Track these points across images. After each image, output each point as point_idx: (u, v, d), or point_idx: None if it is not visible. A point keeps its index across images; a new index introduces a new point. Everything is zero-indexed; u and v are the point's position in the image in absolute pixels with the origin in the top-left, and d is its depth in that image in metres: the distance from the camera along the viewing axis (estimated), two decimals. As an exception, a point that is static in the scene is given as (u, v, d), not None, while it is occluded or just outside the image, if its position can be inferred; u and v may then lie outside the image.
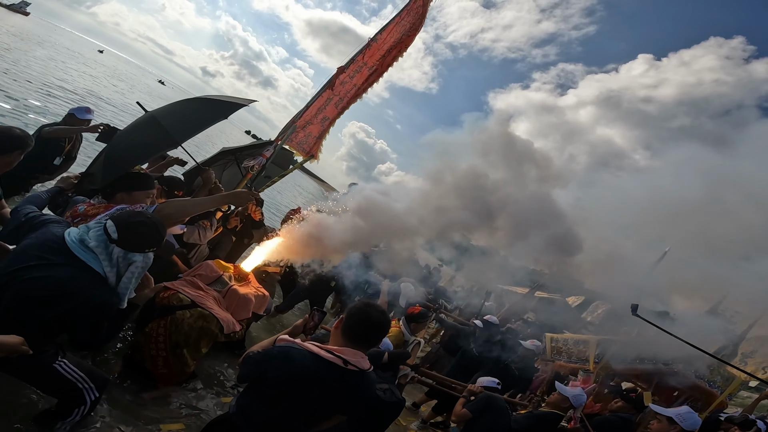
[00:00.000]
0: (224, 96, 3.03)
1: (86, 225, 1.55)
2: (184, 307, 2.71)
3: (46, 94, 10.84)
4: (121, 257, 1.53)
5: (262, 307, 3.20)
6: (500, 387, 3.33)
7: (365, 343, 1.59)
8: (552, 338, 4.24)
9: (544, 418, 3.15)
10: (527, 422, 3.08)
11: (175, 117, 2.79)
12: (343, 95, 3.67)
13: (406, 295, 4.30)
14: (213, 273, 2.99)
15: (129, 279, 1.57)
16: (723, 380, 4.11)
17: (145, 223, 1.58)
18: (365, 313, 1.57)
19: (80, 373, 1.79)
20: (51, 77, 13.57)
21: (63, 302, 1.42)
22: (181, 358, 2.72)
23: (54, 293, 1.42)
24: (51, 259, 1.45)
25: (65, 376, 1.75)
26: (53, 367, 1.70)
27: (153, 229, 1.61)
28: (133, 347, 2.79)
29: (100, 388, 1.90)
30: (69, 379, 1.76)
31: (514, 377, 4.20)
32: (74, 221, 1.87)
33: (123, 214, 1.58)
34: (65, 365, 1.75)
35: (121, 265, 1.54)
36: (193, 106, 2.98)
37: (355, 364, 1.50)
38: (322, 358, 1.48)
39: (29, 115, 8.11)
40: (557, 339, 4.18)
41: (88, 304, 1.46)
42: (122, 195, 2.18)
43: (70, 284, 1.43)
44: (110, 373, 2.72)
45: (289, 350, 1.50)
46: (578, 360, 3.78)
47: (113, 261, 1.51)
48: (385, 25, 3.68)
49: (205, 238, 3.23)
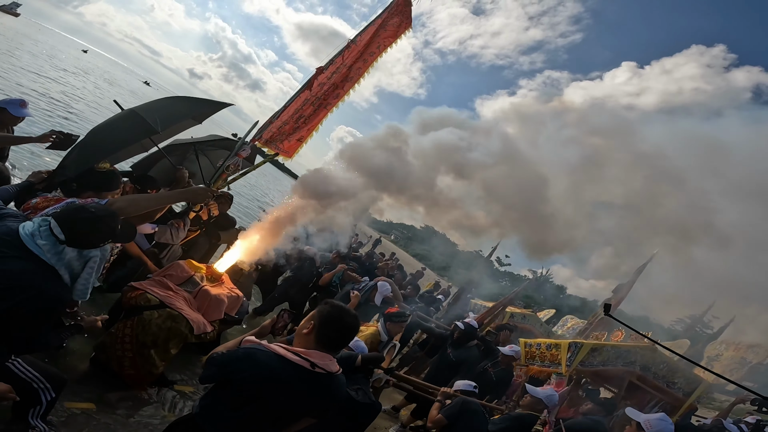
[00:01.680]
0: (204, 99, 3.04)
1: (37, 219, 1.50)
2: (152, 307, 2.67)
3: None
4: (74, 257, 1.48)
5: (234, 308, 3.15)
6: (477, 390, 3.33)
7: (336, 347, 1.59)
8: (525, 343, 4.29)
9: (521, 420, 3.16)
10: (504, 424, 3.08)
11: (154, 108, 2.74)
12: (321, 95, 3.63)
13: (382, 293, 4.28)
14: (184, 273, 2.95)
15: (89, 274, 1.52)
16: (686, 382, 4.20)
17: (90, 218, 1.52)
18: (339, 318, 1.56)
19: (35, 372, 1.75)
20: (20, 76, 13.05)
21: (13, 295, 1.36)
22: (149, 359, 2.67)
23: (4, 285, 1.36)
24: (4, 251, 1.41)
25: (19, 375, 1.70)
26: (5, 366, 1.65)
27: (101, 222, 1.55)
28: (98, 348, 2.73)
29: (57, 388, 1.85)
30: (23, 379, 1.71)
31: (492, 382, 4.21)
32: (26, 213, 1.81)
33: (65, 212, 1.51)
34: (18, 364, 1.71)
35: (76, 264, 1.49)
36: (172, 101, 2.95)
37: (323, 366, 1.48)
38: (288, 360, 1.46)
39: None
40: (530, 344, 4.23)
41: (39, 297, 1.40)
42: (90, 194, 2.13)
43: (22, 277, 1.38)
44: (76, 373, 2.67)
45: (254, 352, 1.47)
46: (551, 364, 3.84)
47: (64, 260, 1.46)
48: (365, 26, 3.70)
49: (177, 238, 3.18)
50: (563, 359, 3.64)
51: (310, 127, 3.81)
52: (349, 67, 3.64)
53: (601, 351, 3.83)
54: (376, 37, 3.64)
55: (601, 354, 3.83)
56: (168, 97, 3.11)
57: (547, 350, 3.93)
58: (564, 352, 3.65)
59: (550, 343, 3.98)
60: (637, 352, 4.00)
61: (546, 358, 3.92)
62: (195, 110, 2.86)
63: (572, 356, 3.61)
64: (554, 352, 3.82)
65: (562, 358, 3.66)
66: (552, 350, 3.86)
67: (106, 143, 2.49)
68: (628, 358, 4.00)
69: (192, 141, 3.57)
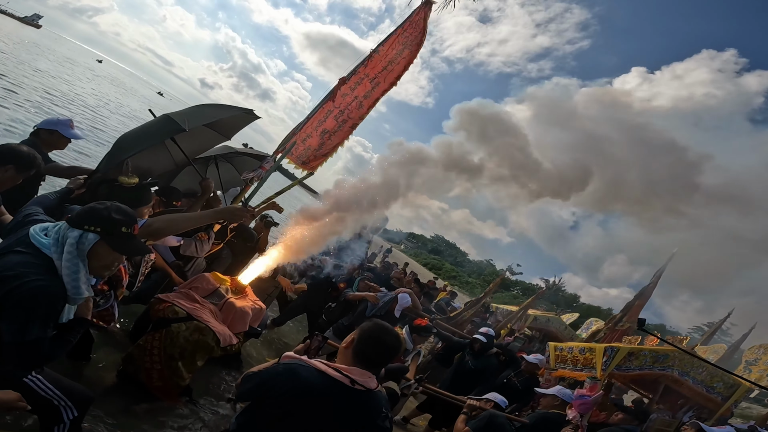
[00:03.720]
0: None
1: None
2: (180, 319, 2.68)
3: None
4: (62, 234, 1.43)
5: (258, 320, 3.16)
6: (506, 406, 3.28)
7: (375, 365, 1.56)
8: (556, 347, 4.20)
9: (547, 418, 3.13)
10: (532, 421, 3.07)
11: (184, 112, 2.76)
12: (344, 108, 3.62)
13: (402, 305, 4.27)
14: (209, 285, 2.96)
15: (68, 263, 1.41)
16: (725, 387, 4.07)
17: (98, 204, 1.51)
18: (379, 337, 1.54)
19: (56, 390, 1.70)
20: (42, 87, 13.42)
21: (3, 285, 1.30)
22: (177, 371, 2.67)
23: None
24: (12, 247, 1.40)
25: (39, 393, 1.65)
26: (24, 382, 1.60)
27: (103, 207, 1.50)
28: (126, 360, 2.74)
29: (81, 406, 1.79)
30: (44, 396, 1.67)
31: (518, 391, 4.13)
32: None
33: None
34: (39, 381, 1.66)
35: (63, 244, 1.43)
36: (201, 106, 2.96)
37: (362, 383, 1.46)
38: (328, 376, 1.45)
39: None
40: (561, 347, 4.13)
41: (24, 287, 1.31)
42: None
43: (15, 268, 1.33)
44: (102, 385, 2.69)
45: (295, 367, 1.46)
46: (584, 368, 3.74)
47: (59, 240, 1.42)
48: (386, 37, 3.65)
49: (202, 251, 3.21)
50: (598, 363, 3.57)
51: (336, 142, 3.79)
52: (372, 80, 3.62)
53: (638, 355, 3.75)
54: (396, 50, 3.62)
55: (638, 358, 3.75)
56: (198, 105, 3.15)
57: (580, 354, 3.84)
58: (599, 356, 3.57)
59: (584, 346, 3.89)
60: (675, 356, 3.90)
61: (579, 362, 3.83)
62: (223, 114, 2.84)
63: (608, 360, 3.53)
64: (588, 356, 3.74)
65: (597, 362, 3.58)
66: (586, 354, 3.78)
67: (133, 141, 2.48)
68: (665, 363, 3.90)
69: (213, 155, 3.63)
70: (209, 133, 3.07)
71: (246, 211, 2.28)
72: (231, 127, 3.15)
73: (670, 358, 3.86)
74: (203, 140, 3.07)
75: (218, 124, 3.03)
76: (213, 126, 3.03)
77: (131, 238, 1.57)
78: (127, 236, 1.54)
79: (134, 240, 1.59)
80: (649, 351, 3.79)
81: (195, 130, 2.94)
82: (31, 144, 2.80)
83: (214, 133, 3.08)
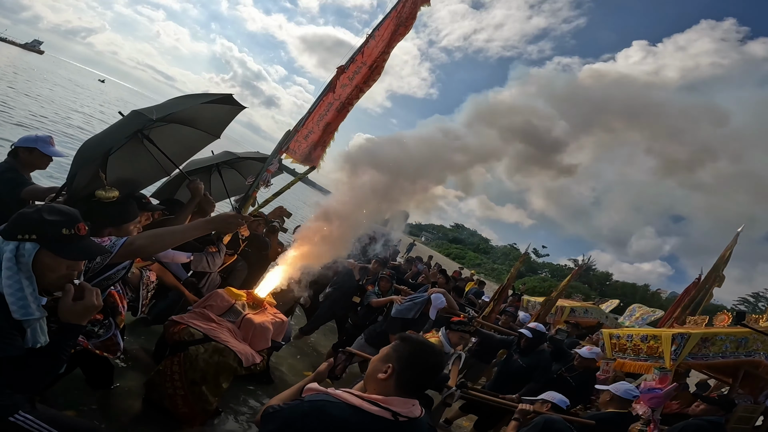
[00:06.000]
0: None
1: None
2: (197, 341, 2.50)
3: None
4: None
5: (281, 334, 2.94)
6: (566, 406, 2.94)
7: (421, 390, 1.33)
8: (611, 334, 3.76)
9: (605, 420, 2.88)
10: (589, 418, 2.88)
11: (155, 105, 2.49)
12: (345, 99, 3.42)
13: (436, 307, 3.99)
14: (224, 302, 2.76)
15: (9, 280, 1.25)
16: None
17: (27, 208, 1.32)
18: (426, 361, 1.29)
19: (51, 429, 1.52)
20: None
21: None
22: (201, 395, 2.52)
23: None
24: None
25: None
26: (9, 422, 1.44)
27: (32, 210, 1.31)
28: (149, 387, 2.62)
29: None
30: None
31: (572, 388, 3.77)
32: None
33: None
34: (31, 421, 1.48)
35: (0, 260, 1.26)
36: (174, 98, 2.68)
37: (406, 414, 1.21)
38: (365, 412, 1.19)
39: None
40: (618, 335, 3.69)
41: None
42: (110, 230, 1.93)
43: None
44: (130, 414, 2.55)
45: (324, 404, 1.20)
46: (649, 357, 3.31)
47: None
48: (381, 20, 3.45)
49: (214, 265, 2.99)
50: (666, 352, 3.12)
51: (330, 130, 3.61)
52: (370, 66, 3.41)
53: (713, 341, 3.28)
54: (391, 31, 3.40)
55: (715, 344, 3.28)
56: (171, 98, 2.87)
57: (642, 342, 3.38)
58: (667, 344, 3.12)
59: (646, 334, 3.43)
60: (755, 338, 3.41)
61: (642, 351, 3.39)
62: (196, 102, 2.54)
63: (678, 348, 3.08)
64: (652, 344, 3.28)
65: (665, 351, 3.13)
66: (649, 341, 3.32)
67: (95, 145, 2.22)
68: (749, 347, 3.42)
69: (214, 161, 3.41)
70: (194, 134, 2.75)
71: (243, 218, 2.02)
72: (216, 123, 2.81)
73: (751, 341, 3.37)
74: (189, 142, 2.77)
75: (200, 121, 2.73)
76: (196, 125, 2.74)
77: (78, 239, 1.35)
78: (71, 238, 1.33)
79: (82, 241, 1.37)
80: (726, 335, 3.32)
81: (178, 134, 2.70)
82: (8, 165, 2.60)
83: (200, 132, 2.77)
